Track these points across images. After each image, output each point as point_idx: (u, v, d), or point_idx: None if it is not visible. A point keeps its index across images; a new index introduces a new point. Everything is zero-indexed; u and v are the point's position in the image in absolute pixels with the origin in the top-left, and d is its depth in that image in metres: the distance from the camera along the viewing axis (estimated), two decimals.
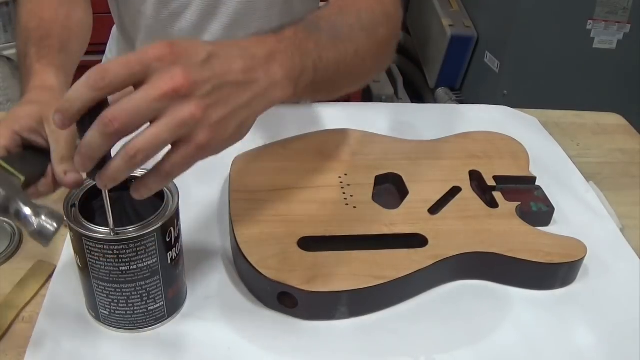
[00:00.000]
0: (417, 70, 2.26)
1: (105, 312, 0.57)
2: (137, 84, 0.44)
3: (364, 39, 0.62)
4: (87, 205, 0.55)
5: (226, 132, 0.47)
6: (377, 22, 0.65)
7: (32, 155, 0.56)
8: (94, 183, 0.56)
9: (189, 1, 0.88)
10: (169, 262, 0.56)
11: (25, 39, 0.70)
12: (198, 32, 0.90)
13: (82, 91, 0.43)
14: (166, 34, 0.90)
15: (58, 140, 0.54)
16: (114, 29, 1.06)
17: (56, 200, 0.56)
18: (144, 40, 0.93)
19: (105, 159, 0.46)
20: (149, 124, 0.44)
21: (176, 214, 0.56)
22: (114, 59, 0.43)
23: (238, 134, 0.49)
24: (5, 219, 0.69)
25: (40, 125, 0.56)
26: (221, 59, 0.46)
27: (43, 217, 0.47)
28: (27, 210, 0.47)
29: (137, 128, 0.44)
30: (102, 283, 0.55)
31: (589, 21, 1.71)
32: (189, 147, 0.45)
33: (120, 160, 0.44)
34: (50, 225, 0.47)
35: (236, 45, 0.49)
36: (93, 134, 0.43)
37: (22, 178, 0.51)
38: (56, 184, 0.55)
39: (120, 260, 0.53)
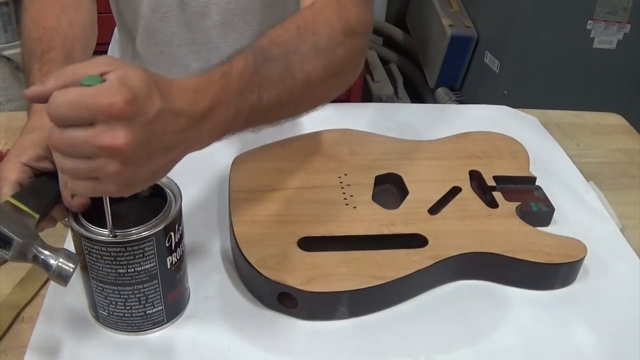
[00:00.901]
0: (417, 70, 2.25)
1: (104, 313, 0.57)
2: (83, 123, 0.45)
3: (318, 67, 0.60)
4: (90, 206, 0.55)
5: (138, 187, 0.49)
6: (335, 43, 0.62)
7: (44, 183, 0.55)
8: None
9: (181, 1, 0.88)
10: (169, 266, 0.56)
11: (29, 52, 0.69)
12: (191, 31, 0.90)
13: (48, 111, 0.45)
14: (161, 33, 0.91)
15: None
16: (115, 31, 1.06)
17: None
18: (143, 38, 0.94)
19: None
20: None
21: (178, 219, 0.55)
22: (66, 94, 0.44)
23: (146, 185, 0.51)
24: None
25: (47, 151, 0.56)
26: (166, 118, 0.46)
27: (61, 260, 0.49)
28: (44, 255, 0.49)
29: (68, 155, 0.45)
30: (100, 284, 0.55)
31: (589, 21, 1.71)
32: (97, 186, 0.47)
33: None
34: (68, 266, 0.49)
35: (185, 93, 0.49)
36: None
37: (37, 216, 0.52)
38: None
39: (118, 263, 0.53)
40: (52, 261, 0.49)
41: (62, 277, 0.49)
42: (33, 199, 0.53)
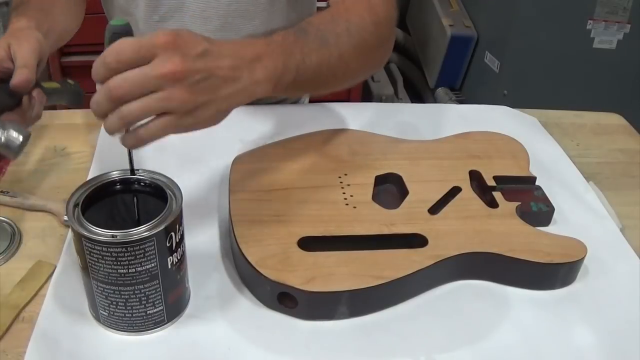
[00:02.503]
0: (417, 70, 2.26)
1: (104, 313, 0.57)
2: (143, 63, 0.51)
3: (350, 46, 0.67)
4: (91, 206, 0.55)
5: (204, 115, 0.54)
6: (365, 31, 0.69)
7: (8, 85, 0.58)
8: (98, 184, 0.56)
9: (179, 5, 0.88)
10: (170, 266, 0.56)
11: (11, 10, 0.75)
12: None
13: (100, 70, 0.51)
14: None
15: (17, 57, 0.61)
16: None
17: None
18: None
19: None
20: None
21: (179, 219, 0.55)
22: (126, 40, 0.50)
23: (214, 119, 0.56)
24: (6, 219, 0.69)
25: (9, 53, 0.62)
26: (214, 55, 0.53)
27: (10, 131, 0.50)
28: None
29: (136, 98, 0.51)
30: (101, 284, 0.55)
31: (589, 21, 1.71)
32: (169, 120, 0.52)
33: (115, 117, 0.52)
34: (15, 139, 0.50)
35: (229, 44, 0.56)
36: (100, 96, 0.51)
37: None
38: (28, 113, 0.61)
39: (119, 263, 0.53)
40: (0, 132, 0.50)
41: (10, 149, 0.50)
42: None
